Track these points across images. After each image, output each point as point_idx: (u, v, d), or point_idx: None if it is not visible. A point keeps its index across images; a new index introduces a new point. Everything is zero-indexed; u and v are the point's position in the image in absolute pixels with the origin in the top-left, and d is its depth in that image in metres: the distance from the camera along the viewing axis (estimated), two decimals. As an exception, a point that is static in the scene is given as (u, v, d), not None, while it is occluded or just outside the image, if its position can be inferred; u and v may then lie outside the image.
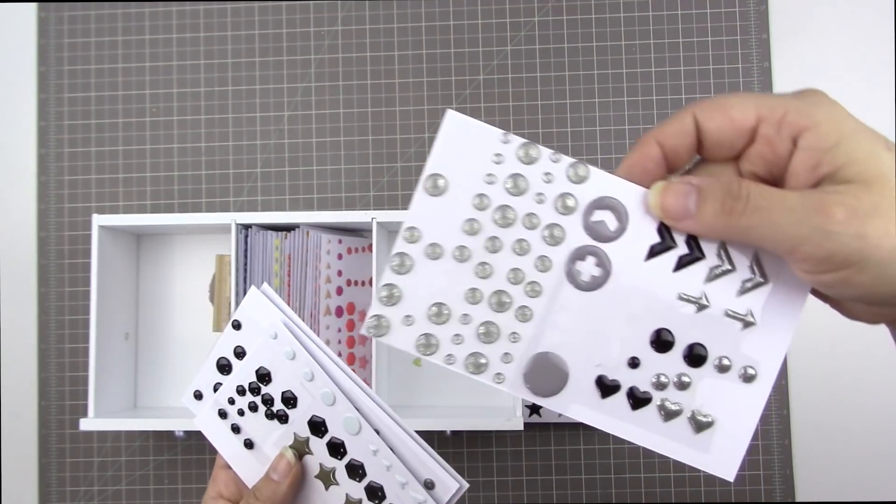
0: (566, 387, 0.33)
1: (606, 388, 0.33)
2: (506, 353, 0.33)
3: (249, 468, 0.46)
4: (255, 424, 0.46)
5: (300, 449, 0.45)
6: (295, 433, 0.45)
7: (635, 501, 0.76)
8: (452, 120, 0.33)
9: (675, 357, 0.33)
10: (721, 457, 0.32)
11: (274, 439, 0.46)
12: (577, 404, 0.33)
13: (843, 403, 0.76)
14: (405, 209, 0.77)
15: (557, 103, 0.79)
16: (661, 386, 0.33)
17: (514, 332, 0.33)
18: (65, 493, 0.79)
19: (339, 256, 0.74)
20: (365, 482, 0.44)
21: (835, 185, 0.28)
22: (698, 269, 0.32)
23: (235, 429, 0.47)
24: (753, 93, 0.31)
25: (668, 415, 0.33)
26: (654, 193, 0.31)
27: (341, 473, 0.45)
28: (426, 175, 0.33)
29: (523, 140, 0.33)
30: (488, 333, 0.33)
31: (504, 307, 0.33)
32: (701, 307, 0.32)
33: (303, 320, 0.46)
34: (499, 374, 0.33)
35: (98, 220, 0.73)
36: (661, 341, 0.32)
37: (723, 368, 0.32)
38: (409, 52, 0.80)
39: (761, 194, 0.29)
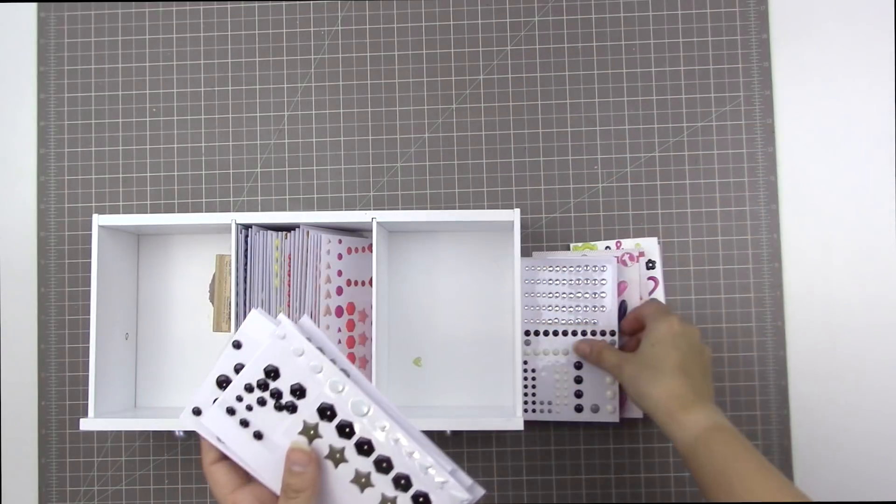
0: None
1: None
2: None
3: (259, 457, 0.49)
4: (264, 417, 0.48)
5: (308, 434, 0.48)
6: (304, 420, 0.48)
7: (635, 501, 0.76)
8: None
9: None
10: None
11: (284, 428, 0.48)
12: None
13: (843, 403, 0.76)
14: (405, 209, 0.78)
15: (557, 103, 0.79)
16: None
17: None
18: (65, 493, 0.79)
19: (339, 256, 0.74)
20: (373, 456, 0.47)
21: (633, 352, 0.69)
22: None
23: (244, 423, 0.48)
24: (652, 304, 0.73)
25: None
26: (574, 344, 0.74)
27: (350, 451, 0.47)
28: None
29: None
30: None
31: None
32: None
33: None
34: None
35: (98, 220, 0.73)
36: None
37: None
38: (409, 52, 0.80)
39: (604, 355, 0.71)
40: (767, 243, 0.77)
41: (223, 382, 0.49)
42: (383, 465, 0.47)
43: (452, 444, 0.77)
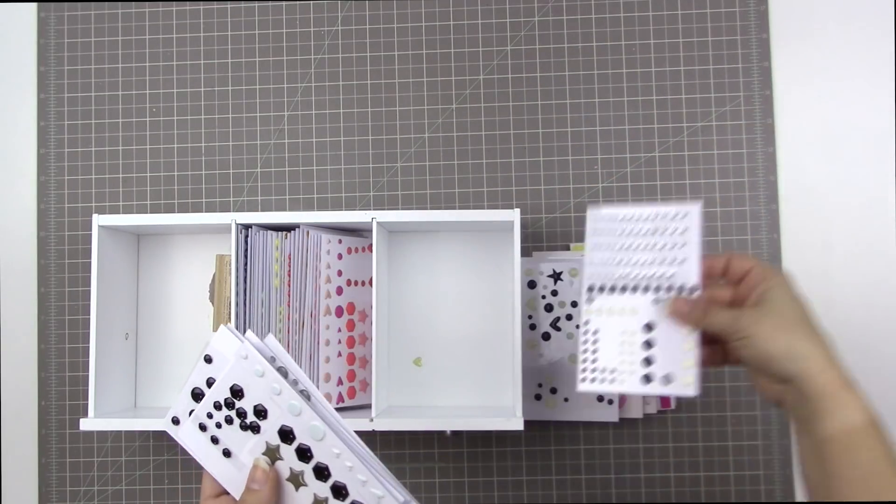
0: None
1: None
2: None
3: (228, 473, 0.51)
4: (231, 435, 0.50)
5: (272, 456, 0.50)
6: (266, 441, 0.50)
7: (635, 501, 0.76)
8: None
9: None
10: None
11: (248, 448, 0.50)
12: None
13: (843, 403, 0.76)
14: (405, 209, 0.78)
15: (557, 103, 0.79)
16: None
17: None
18: (65, 493, 0.79)
19: (339, 256, 0.74)
20: (330, 482, 0.49)
21: (756, 306, 0.54)
22: None
23: (214, 440, 0.51)
24: (754, 258, 0.59)
25: None
26: (669, 303, 0.56)
27: (309, 475, 0.49)
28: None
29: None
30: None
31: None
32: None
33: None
34: None
35: (98, 220, 0.73)
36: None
37: None
38: (409, 52, 0.80)
39: (712, 313, 0.55)
40: (767, 243, 0.77)
41: (198, 395, 0.51)
42: (342, 492, 0.49)
43: (452, 444, 0.77)
